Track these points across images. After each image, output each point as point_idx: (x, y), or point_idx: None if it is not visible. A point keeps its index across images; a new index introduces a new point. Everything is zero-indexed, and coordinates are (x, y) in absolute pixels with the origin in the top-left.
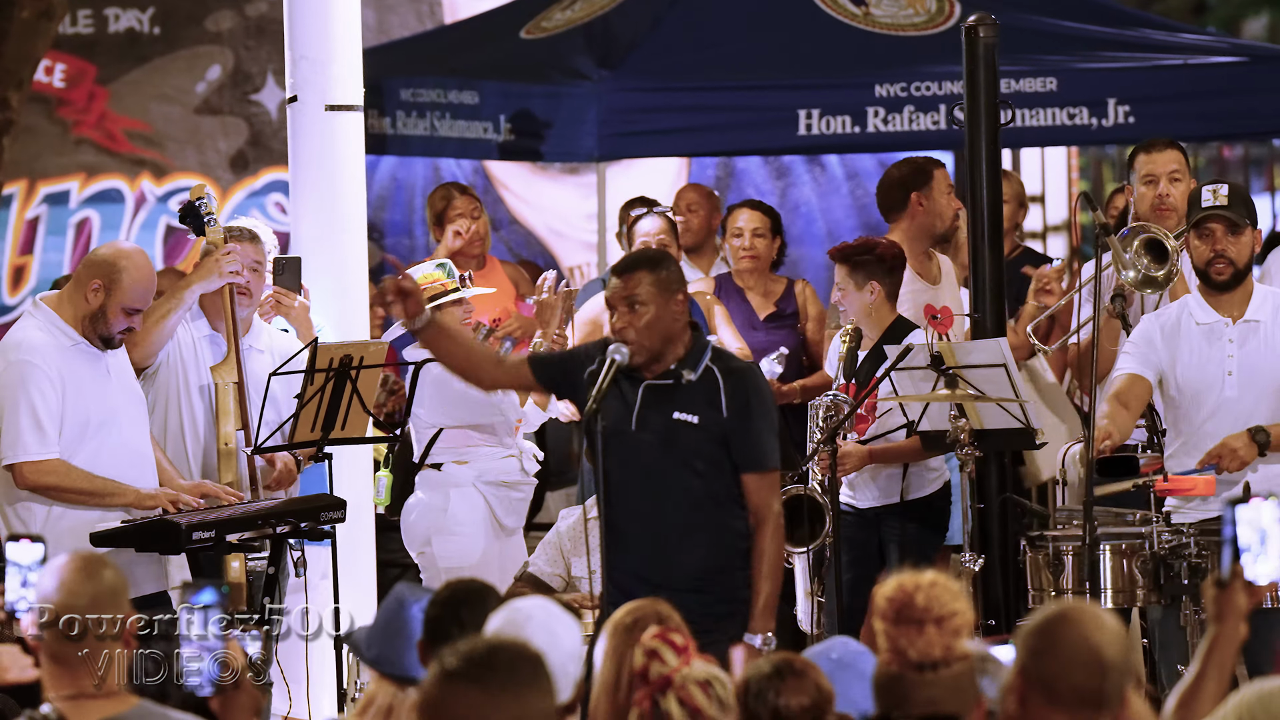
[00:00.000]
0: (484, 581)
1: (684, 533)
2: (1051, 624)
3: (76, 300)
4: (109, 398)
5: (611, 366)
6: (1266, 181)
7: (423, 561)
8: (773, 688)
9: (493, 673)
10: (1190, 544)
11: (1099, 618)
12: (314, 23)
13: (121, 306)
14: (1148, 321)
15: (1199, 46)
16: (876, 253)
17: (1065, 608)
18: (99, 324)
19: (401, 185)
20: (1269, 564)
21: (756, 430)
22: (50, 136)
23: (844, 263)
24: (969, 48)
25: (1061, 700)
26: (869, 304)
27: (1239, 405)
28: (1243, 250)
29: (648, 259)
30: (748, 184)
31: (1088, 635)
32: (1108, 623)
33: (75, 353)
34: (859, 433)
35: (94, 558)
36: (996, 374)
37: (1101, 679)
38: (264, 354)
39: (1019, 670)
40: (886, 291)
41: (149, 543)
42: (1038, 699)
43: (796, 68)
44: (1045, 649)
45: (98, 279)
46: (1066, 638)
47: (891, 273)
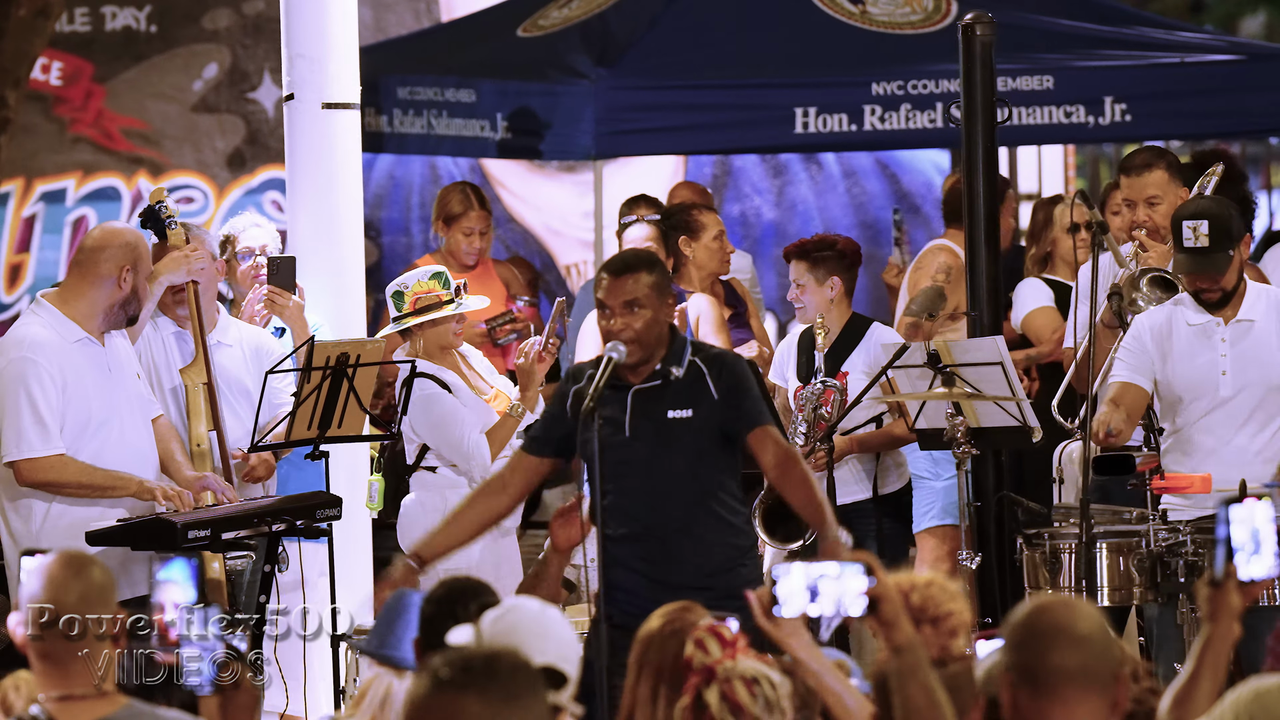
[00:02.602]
0: (478, 579)
1: (685, 531)
2: (1026, 616)
3: (96, 293)
4: (111, 394)
5: (609, 364)
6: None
7: None
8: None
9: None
10: (1187, 542)
11: (1071, 603)
12: (311, 21)
13: (146, 277)
14: (1138, 324)
15: (1196, 45)
16: (837, 249)
17: (1039, 600)
18: (130, 305)
19: (398, 183)
20: (1262, 563)
21: (748, 398)
22: (47, 134)
23: (803, 259)
24: (966, 46)
25: (1046, 687)
26: (829, 300)
27: (1234, 404)
28: (1230, 278)
29: (644, 260)
30: (744, 182)
31: (1059, 617)
32: (1081, 606)
33: (77, 349)
34: (820, 428)
35: (81, 556)
36: (993, 372)
37: (1082, 654)
38: (232, 348)
39: (1005, 670)
40: (845, 287)
41: (145, 542)
42: (1026, 695)
43: (793, 66)
44: (1023, 640)
45: (125, 263)
46: (1040, 624)
47: (851, 268)
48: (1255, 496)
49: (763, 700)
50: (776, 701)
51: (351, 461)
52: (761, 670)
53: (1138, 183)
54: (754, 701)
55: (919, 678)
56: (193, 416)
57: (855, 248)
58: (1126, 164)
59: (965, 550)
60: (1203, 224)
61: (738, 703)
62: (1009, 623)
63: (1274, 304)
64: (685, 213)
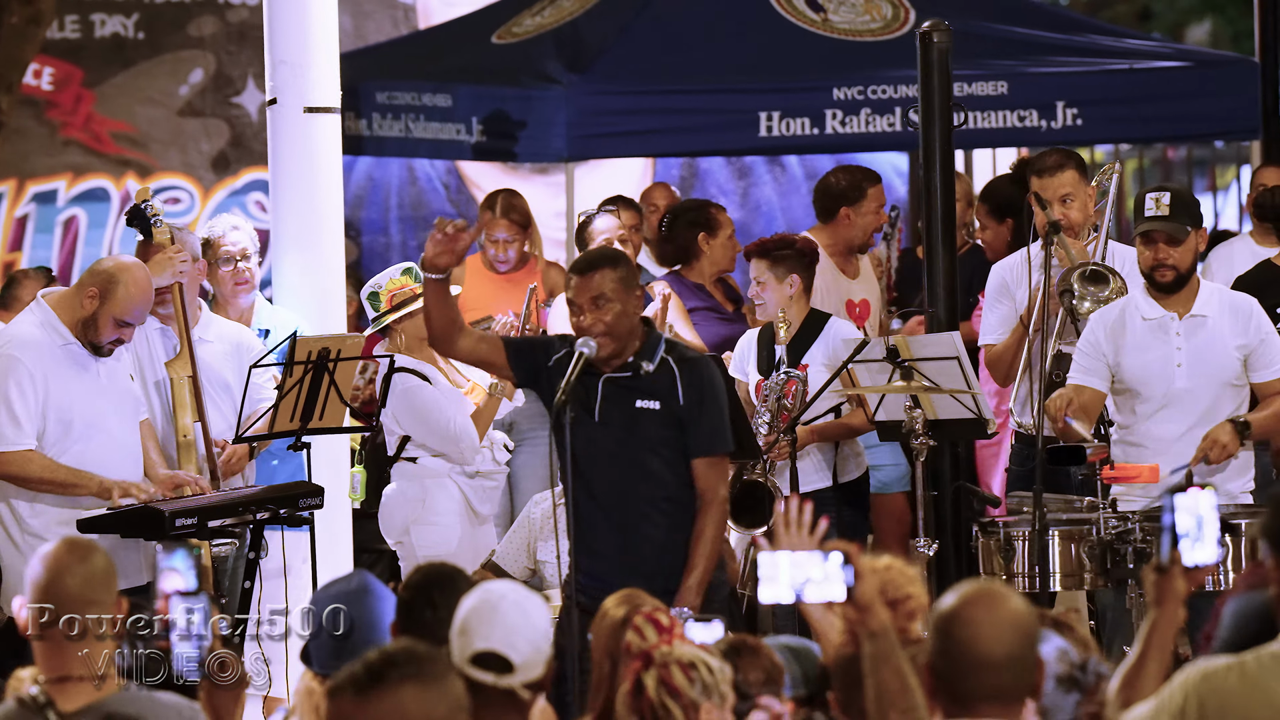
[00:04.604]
0: (454, 565)
1: (646, 515)
2: (947, 623)
3: (74, 304)
4: (97, 398)
5: (579, 360)
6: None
7: (401, 551)
8: (728, 664)
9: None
10: (1136, 530)
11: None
12: (293, 28)
13: (113, 317)
14: (1092, 322)
15: (1144, 52)
16: (796, 248)
17: (961, 603)
18: (90, 331)
19: (377, 184)
20: (1206, 550)
21: (709, 418)
22: (39, 137)
23: (764, 257)
24: (923, 53)
25: (961, 699)
26: (789, 296)
27: (1189, 396)
28: (1185, 255)
29: (608, 257)
30: (711, 184)
31: (978, 637)
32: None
33: (65, 353)
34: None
35: (85, 542)
36: (950, 366)
37: (998, 677)
38: (213, 344)
39: (926, 667)
40: (804, 284)
41: (133, 529)
42: (944, 697)
43: (757, 72)
44: (943, 649)
45: (94, 287)
46: (960, 640)
47: (809, 267)
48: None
49: (700, 685)
50: (715, 686)
51: (331, 453)
52: (699, 655)
53: (1052, 182)
54: (691, 686)
55: (892, 662)
56: (178, 409)
57: (813, 246)
58: (1039, 166)
59: (923, 538)
60: (1165, 195)
61: (675, 687)
62: (935, 616)
63: (1226, 302)
64: (705, 210)
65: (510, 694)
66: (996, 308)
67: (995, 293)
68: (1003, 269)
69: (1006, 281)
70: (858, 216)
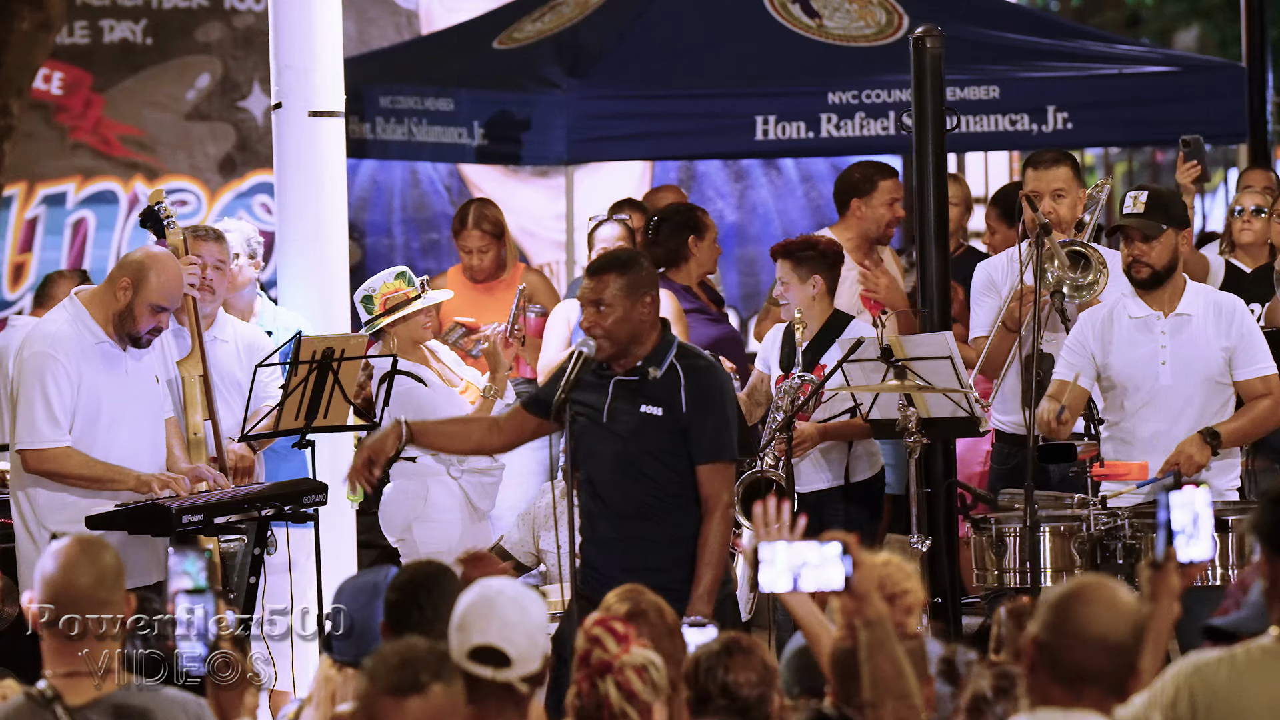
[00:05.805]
0: (441, 563)
1: (646, 515)
2: (1066, 600)
3: (107, 299)
4: (124, 395)
5: (578, 359)
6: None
7: (403, 548)
8: (721, 664)
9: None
10: (1125, 526)
11: (1113, 599)
12: (298, 34)
13: (149, 304)
14: (1081, 320)
15: (1133, 57)
16: (819, 249)
17: (1082, 585)
18: (127, 322)
19: (381, 187)
20: (1200, 546)
21: (713, 424)
22: (49, 141)
23: (787, 258)
24: (917, 58)
25: (1064, 676)
26: (811, 296)
27: (1173, 394)
28: (1161, 253)
29: (619, 262)
30: (708, 186)
31: (1096, 617)
32: (1121, 603)
33: (96, 350)
34: (801, 418)
35: (95, 540)
36: (942, 365)
37: (1106, 660)
38: (228, 344)
39: (1033, 640)
40: (827, 285)
41: (140, 526)
42: (1044, 672)
43: (754, 77)
44: (1057, 624)
45: (126, 278)
46: (1077, 616)
47: (832, 268)
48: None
49: (650, 685)
50: (662, 683)
51: (335, 451)
52: (649, 657)
53: (1046, 175)
54: (645, 687)
55: (887, 650)
56: (189, 407)
57: (837, 248)
58: (1035, 160)
59: (916, 534)
60: (1143, 194)
61: (632, 691)
62: (1049, 598)
63: (1211, 303)
64: (691, 213)
65: (508, 688)
66: (983, 302)
67: (981, 288)
68: (989, 266)
69: (993, 279)
70: (868, 209)
